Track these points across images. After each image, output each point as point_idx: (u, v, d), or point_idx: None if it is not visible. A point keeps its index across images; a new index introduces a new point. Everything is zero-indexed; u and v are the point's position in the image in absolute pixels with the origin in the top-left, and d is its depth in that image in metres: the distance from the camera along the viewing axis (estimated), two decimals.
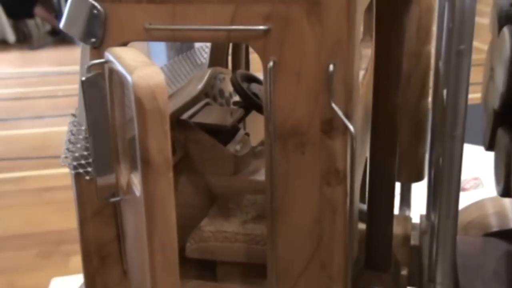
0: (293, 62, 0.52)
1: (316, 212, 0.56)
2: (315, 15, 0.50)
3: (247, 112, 0.85)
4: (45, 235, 1.60)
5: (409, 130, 0.84)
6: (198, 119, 0.77)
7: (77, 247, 1.64)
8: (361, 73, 0.65)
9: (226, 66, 1.00)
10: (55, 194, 1.92)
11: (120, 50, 0.50)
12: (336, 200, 0.55)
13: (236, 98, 0.93)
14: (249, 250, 0.64)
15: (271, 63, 0.52)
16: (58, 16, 4.40)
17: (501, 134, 0.67)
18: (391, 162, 0.58)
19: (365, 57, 0.72)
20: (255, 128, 0.88)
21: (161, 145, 0.44)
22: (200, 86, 0.85)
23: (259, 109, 0.84)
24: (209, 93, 0.88)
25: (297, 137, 0.54)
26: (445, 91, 0.52)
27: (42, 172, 2.11)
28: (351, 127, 0.51)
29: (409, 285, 0.80)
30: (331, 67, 0.51)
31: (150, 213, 0.45)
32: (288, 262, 0.58)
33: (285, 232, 0.57)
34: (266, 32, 0.51)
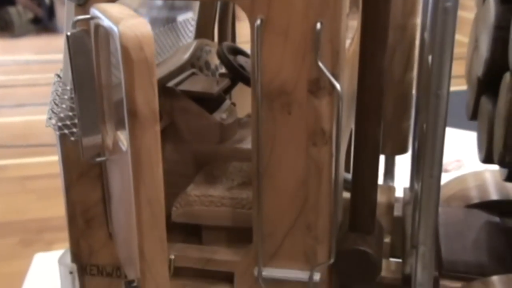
0: (280, 20, 0.51)
1: (302, 173, 0.56)
2: None
3: (233, 84, 0.85)
4: (27, 223, 1.59)
5: (393, 103, 0.84)
6: (184, 87, 0.76)
7: (59, 235, 1.62)
8: (348, 42, 0.66)
9: (213, 39, 0.99)
10: (36, 182, 1.91)
11: (106, 5, 0.49)
12: (321, 160, 0.55)
13: (222, 70, 0.92)
14: (235, 214, 0.64)
15: (258, 22, 0.52)
16: (41, 3, 4.34)
17: (484, 102, 0.68)
18: (376, 131, 0.58)
19: (351, 28, 0.72)
20: (242, 100, 0.88)
21: (148, 96, 0.44)
22: (186, 56, 0.84)
23: (246, 81, 0.84)
24: (195, 64, 0.88)
25: (284, 97, 0.54)
26: (430, 56, 0.52)
27: (23, 161, 2.10)
28: (338, 86, 0.52)
29: (391, 256, 0.81)
30: (318, 25, 0.51)
31: (137, 166, 0.45)
32: (274, 224, 0.58)
33: (270, 194, 0.57)
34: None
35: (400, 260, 0.77)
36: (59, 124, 0.59)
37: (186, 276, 0.62)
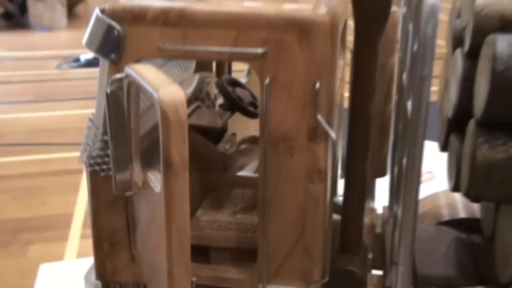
0: (285, 79, 0.61)
1: (301, 204, 0.66)
2: (305, 41, 0.60)
3: (231, 113, 0.95)
4: (2, 223, 1.62)
5: (375, 133, 0.95)
6: (191, 121, 0.85)
7: (35, 236, 1.65)
8: (337, 82, 0.76)
9: (211, 70, 1.09)
10: (11, 182, 1.94)
11: (140, 67, 0.58)
12: (318, 195, 0.65)
13: (221, 100, 1.02)
14: (240, 237, 0.74)
15: (267, 80, 0.61)
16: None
17: (453, 139, 0.79)
18: (364, 163, 0.68)
19: (339, 67, 0.82)
20: (237, 126, 0.98)
21: (181, 149, 0.53)
22: (191, 90, 0.93)
23: (243, 111, 0.94)
24: (198, 96, 0.97)
25: (287, 142, 0.64)
26: (409, 103, 0.62)
27: None
28: (332, 135, 0.62)
29: (373, 268, 0.92)
30: (317, 84, 0.61)
31: (169, 205, 0.54)
32: (276, 246, 0.68)
33: (274, 221, 0.67)
34: (263, 54, 0.60)
35: (381, 273, 0.87)
36: (91, 161, 0.68)
37: None
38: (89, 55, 4.02)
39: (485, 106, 0.64)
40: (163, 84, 0.53)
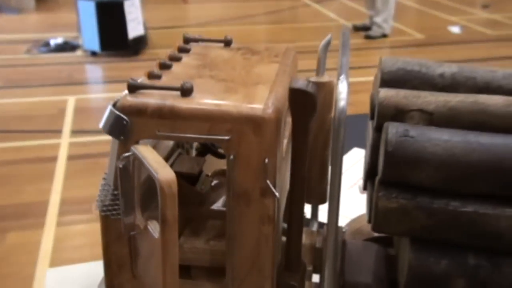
0: (244, 156, 0.88)
1: (256, 239, 0.93)
2: (258, 131, 0.86)
3: (204, 155, 1.21)
4: None
5: (317, 170, 1.23)
6: (175, 168, 1.12)
7: (12, 223, 1.79)
8: (285, 140, 1.03)
9: None
10: None
11: (142, 149, 0.84)
12: (268, 232, 0.92)
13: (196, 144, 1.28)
14: (213, 259, 1.01)
15: (231, 157, 0.88)
16: None
17: (369, 185, 1.07)
18: (302, 203, 0.95)
19: (283, 145, 1.07)
20: (209, 165, 1.24)
21: (173, 212, 0.79)
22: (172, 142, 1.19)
23: (214, 154, 1.21)
24: (179, 143, 1.23)
25: (246, 197, 0.91)
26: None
27: None
28: (277, 194, 0.89)
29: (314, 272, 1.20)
30: (266, 160, 0.87)
31: (164, 249, 0.81)
32: (239, 267, 0.95)
33: (237, 249, 0.94)
34: (229, 139, 0.87)
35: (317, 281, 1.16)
36: (104, 209, 0.94)
37: None
38: (59, 39, 4.15)
39: (382, 172, 0.92)
40: (159, 167, 0.79)
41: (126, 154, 0.86)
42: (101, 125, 0.91)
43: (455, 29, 5.15)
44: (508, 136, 0.90)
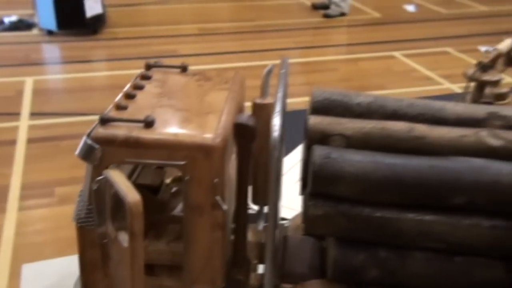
0: (198, 178, 1.07)
1: (208, 241, 1.13)
2: (208, 157, 1.06)
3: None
4: None
5: (262, 177, 1.44)
6: (140, 181, 1.30)
7: None
8: (233, 156, 1.23)
9: None
10: None
11: (113, 173, 1.02)
12: (218, 237, 1.13)
13: None
14: (173, 258, 1.21)
15: (187, 177, 1.07)
16: None
17: (303, 193, 1.29)
18: (246, 210, 1.16)
19: (231, 166, 1.25)
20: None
21: (139, 227, 0.98)
22: None
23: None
24: None
25: (199, 209, 1.10)
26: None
27: None
28: (225, 207, 1.09)
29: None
30: (215, 180, 1.07)
31: (132, 255, 1.00)
32: (194, 265, 1.15)
33: (192, 250, 1.14)
34: (184, 164, 1.06)
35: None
36: (80, 221, 1.11)
37: None
38: (13, 17, 4.10)
39: (310, 186, 1.14)
40: (128, 191, 0.97)
41: (99, 178, 1.04)
42: (77, 152, 1.08)
43: (410, 8, 5.41)
44: (408, 156, 1.13)
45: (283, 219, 1.59)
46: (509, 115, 1.18)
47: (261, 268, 1.39)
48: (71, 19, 3.85)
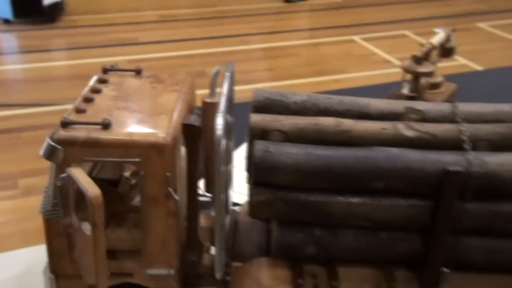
0: (152, 172, 1.25)
1: (164, 228, 1.32)
2: (160, 154, 1.24)
3: None
4: None
5: (213, 168, 1.62)
6: (101, 175, 1.47)
7: None
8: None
9: None
10: None
11: (75, 171, 1.19)
12: (172, 224, 1.31)
13: None
14: (133, 244, 1.39)
15: (142, 172, 1.25)
16: None
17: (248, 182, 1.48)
18: (196, 198, 1.34)
19: (181, 161, 1.43)
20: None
21: (100, 218, 1.15)
22: None
23: None
24: None
25: (155, 199, 1.29)
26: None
27: None
28: (176, 198, 1.28)
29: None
30: (168, 174, 1.25)
31: (95, 244, 1.17)
32: (152, 249, 1.34)
33: (150, 236, 1.32)
34: (139, 161, 1.24)
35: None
36: (47, 213, 1.28)
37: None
38: None
39: (253, 177, 1.34)
40: (89, 186, 1.15)
41: (63, 175, 1.21)
42: (41, 153, 1.24)
43: None
44: (336, 148, 1.33)
45: (236, 204, 1.78)
46: (423, 109, 1.40)
47: (213, 250, 1.59)
48: (28, 7, 3.88)
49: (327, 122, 1.36)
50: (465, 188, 1.28)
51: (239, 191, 1.79)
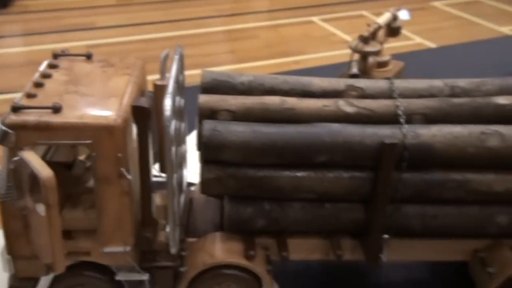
0: (104, 153, 1.32)
1: (118, 206, 1.39)
2: (111, 135, 1.30)
3: None
4: None
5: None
6: (56, 158, 1.52)
7: None
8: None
9: None
10: None
11: (27, 154, 1.24)
12: (126, 202, 1.38)
13: None
14: (88, 224, 1.45)
15: (94, 154, 1.31)
16: None
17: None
18: (148, 178, 1.42)
19: (132, 141, 1.50)
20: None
21: (54, 199, 1.21)
22: None
23: None
24: None
25: (107, 179, 1.35)
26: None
27: None
28: (129, 177, 1.35)
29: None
30: (119, 155, 1.32)
31: (49, 224, 1.24)
32: (107, 227, 1.41)
33: (105, 215, 1.39)
34: (91, 143, 1.30)
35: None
36: (2, 196, 1.33)
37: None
38: None
39: (202, 155, 1.42)
40: (41, 168, 1.21)
41: (15, 158, 1.26)
42: None
43: None
44: (281, 125, 1.43)
45: (191, 184, 1.86)
46: (363, 86, 1.50)
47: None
48: None
49: (273, 100, 1.45)
50: (401, 159, 1.40)
51: (195, 171, 1.87)
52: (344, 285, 1.72)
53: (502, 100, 1.44)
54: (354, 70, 2.17)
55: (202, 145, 1.40)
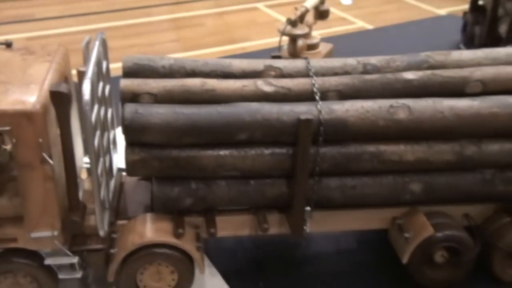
0: (24, 139, 1.35)
1: (43, 191, 1.43)
2: (31, 121, 1.34)
3: None
4: None
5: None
6: None
7: None
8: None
9: None
10: None
11: None
12: (50, 187, 1.42)
13: None
14: (15, 210, 1.48)
15: (14, 140, 1.35)
16: None
17: None
18: (73, 162, 1.46)
19: (53, 127, 1.53)
20: None
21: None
22: None
23: None
24: None
25: (30, 166, 1.38)
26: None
27: None
28: (51, 162, 1.39)
29: None
30: (40, 140, 1.36)
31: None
32: (33, 213, 1.44)
33: (30, 201, 1.43)
34: (10, 129, 1.33)
35: None
36: None
37: None
38: None
39: (125, 138, 1.47)
40: None
41: None
42: None
43: None
44: (202, 106, 1.49)
45: (122, 169, 1.91)
46: (280, 66, 1.58)
47: None
48: None
49: (193, 82, 1.51)
50: (317, 134, 1.49)
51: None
52: (276, 259, 1.81)
53: (409, 75, 1.54)
54: (284, 53, 2.26)
55: (124, 128, 1.45)
